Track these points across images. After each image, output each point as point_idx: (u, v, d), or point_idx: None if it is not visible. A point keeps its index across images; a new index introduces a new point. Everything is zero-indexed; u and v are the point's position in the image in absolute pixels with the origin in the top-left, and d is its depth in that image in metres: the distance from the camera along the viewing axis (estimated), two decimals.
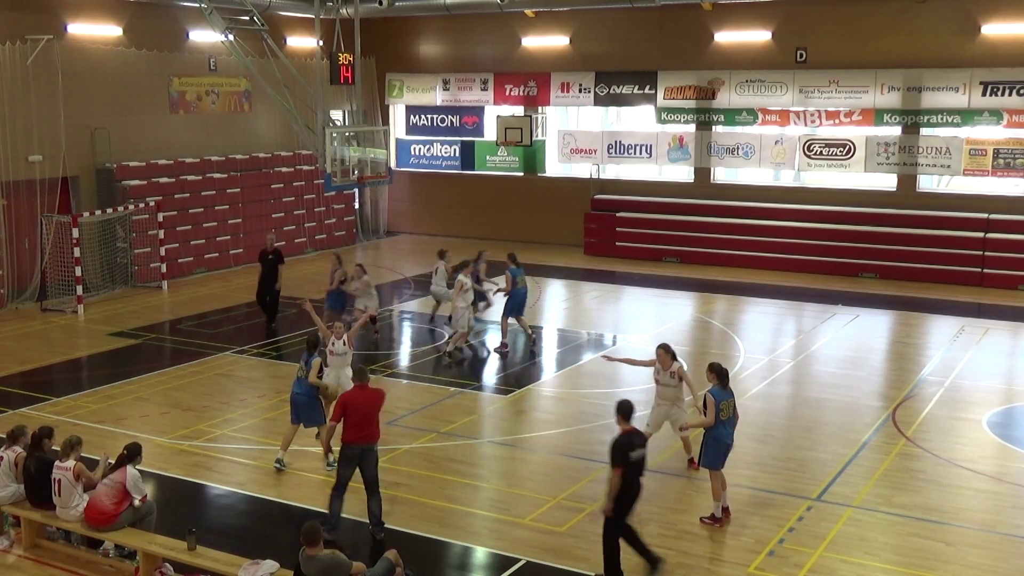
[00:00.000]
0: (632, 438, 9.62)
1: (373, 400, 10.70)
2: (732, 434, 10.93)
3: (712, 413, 10.71)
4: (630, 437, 9.62)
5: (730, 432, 10.88)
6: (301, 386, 12.44)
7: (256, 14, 22.28)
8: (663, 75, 27.67)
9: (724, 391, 10.82)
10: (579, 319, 21.30)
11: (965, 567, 10.03)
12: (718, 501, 10.99)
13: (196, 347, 18.44)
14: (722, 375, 10.86)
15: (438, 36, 31.07)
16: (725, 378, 10.88)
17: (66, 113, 22.73)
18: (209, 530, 10.58)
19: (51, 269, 22.04)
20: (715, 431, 10.79)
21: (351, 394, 10.75)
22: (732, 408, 10.89)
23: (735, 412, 10.98)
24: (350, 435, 10.47)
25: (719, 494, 10.96)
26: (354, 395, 10.69)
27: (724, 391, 10.82)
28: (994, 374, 16.87)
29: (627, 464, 9.42)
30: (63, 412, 14.57)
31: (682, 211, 27.59)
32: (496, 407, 15.14)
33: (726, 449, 10.88)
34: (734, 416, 10.94)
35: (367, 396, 10.67)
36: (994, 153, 24.27)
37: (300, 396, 12.44)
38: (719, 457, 10.88)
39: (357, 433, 10.47)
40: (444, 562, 10.41)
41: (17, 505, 10.52)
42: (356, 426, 10.47)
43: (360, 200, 31.70)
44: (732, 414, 10.90)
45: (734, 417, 10.95)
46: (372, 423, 10.58)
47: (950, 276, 24.09)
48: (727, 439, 10.85)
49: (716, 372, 10.89)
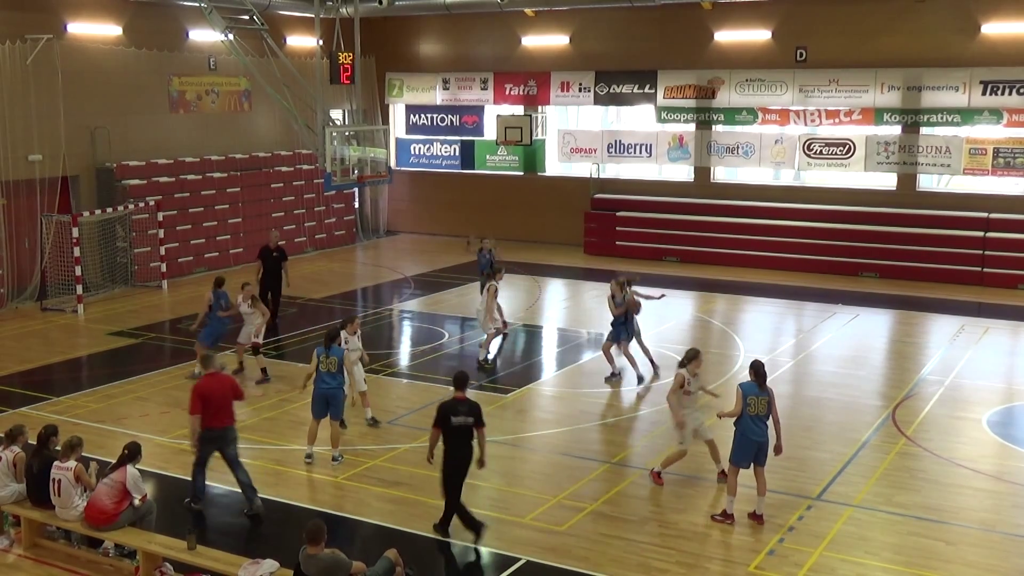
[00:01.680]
0: (458, 405, 10.41)
1: (225, 387, 11.19)
2: (761, 432, 10.83)
3: (739, 405, 10.81)
4: (455, 403, 10.44)
5: (757, 430, 10.81)
6: (335, 379, 12.49)
7: (256, 13, 22.29)
8: (663, 74, 27.67)
9: (756, 387, 10.89)
10: (579, 319, 21.29)
11: (965, 566, 10.02)
12: (732, 496, 11.01)
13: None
14: (759, 373, 10.92)
15: (438, 35, 31.07)
16: (761, 376, 10.93)
17: (66, 113, 22.73)
18: (209, 530, 10.58)
19: (51, 269, 22.05)
20: (741, 425, 10.86)
21: (205, 383, 11.15)
22: (764, 406, 10.85)
23: (768, 411, 10.89)
24: (208, 421, 11.05)
25: (734, 490, 10.99)
26: (207, 384, 11.12)
27: (756, 387, 10.89)
28: (994, 373, 16.87)
29: (446, 427, 10.33)
30: (63, 412, 14.57)
31: (682, 210, 27.59)
32: (496, 407, 15.14)
33: (752, 446, 10.84)
34: (767, 415, 10.89)
35: (219, 383, 11.16)
36: (994, 152, 24.27)
37: (335, 389, 12.51)
38: (742, 453, 10.91)
39: (214, 419, 11.05)
40: (444, 562, 10.42)
41: (17, 504, 10.52)
42: (213, 412, 11.03)
43: (360, 200, 31.71)
44: (764, 412, 10.86)
45: (767, 416, 10.89)
46: (227, 408, 11.14)
47: (950, 275, 24.09)
48: (752, 435, 10.81)
49: (754, 369, 11.00)
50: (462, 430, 10.37)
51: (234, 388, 11.33)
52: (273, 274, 19.42)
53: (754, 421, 10.82)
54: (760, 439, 10.84)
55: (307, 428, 12.87)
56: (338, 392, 12.56)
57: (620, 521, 11.01)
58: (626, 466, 12.68)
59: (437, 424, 10.39)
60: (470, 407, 10.46)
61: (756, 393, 10.87)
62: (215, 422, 11.04)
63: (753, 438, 10.83)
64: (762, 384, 10.91)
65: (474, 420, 10.41)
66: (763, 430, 10.86)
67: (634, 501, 11.58)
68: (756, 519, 10.97)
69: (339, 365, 12.52)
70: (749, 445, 10.84)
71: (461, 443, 10.40)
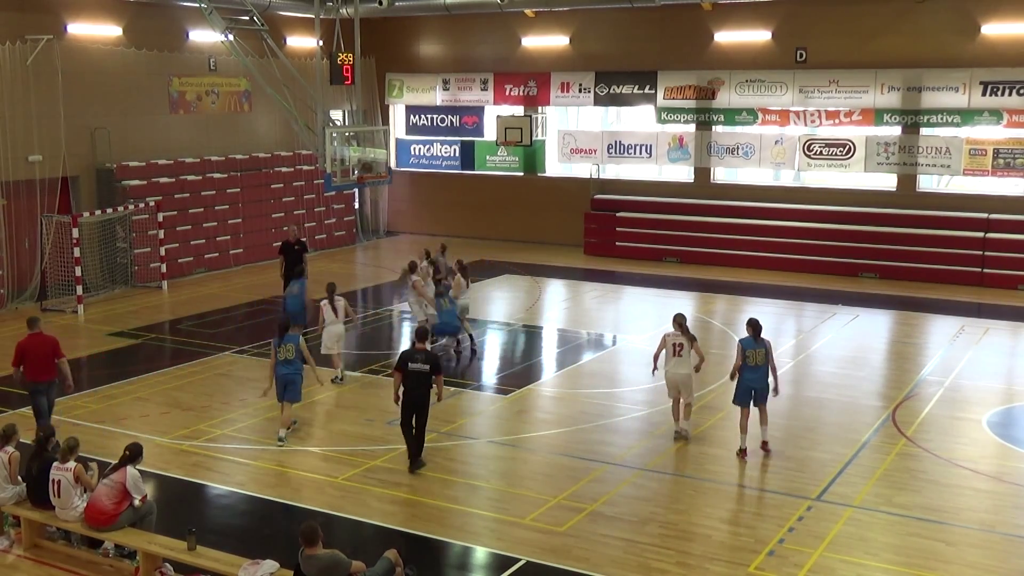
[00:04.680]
0: (415, 353, 12.28)
1: (46, 346, 12.85)
2: (758, 379, 12.72)
3: (739, 358, 12.72)
4: (413, 352, 12.33)
5: (755, 376, 12.71)
6: (291, 366, 13.38)
7: (256, 14, 22.28)
8: (663, 75, 27.68)
9: (752, 341, 12.72)
10: (579, 319, 21.29)
11: (965, 567, 10.02)
12: (744, 433, 12.78)
13: (196, 347, 18.44)
14: (756, 328, 12.76)
15: (438, 36, 31.07)
16: (757, 330, 12.76)
17: (66, 113, 22.74)
18: (209, 530, 10.58)
19: (51, 269, 22.05)
20: (742, 374, 12.77)
21: (26, 341, 12.78)
22: (760, 357, 12.70)
23: (765, 361, 12.72)
24: (32, 375, 12.79)
25: (745, 427, 12.78)
26: (28, 341, 12.78)
27: (752, 341, 12.72)
28: (994, 374, 16.87)
29: (404, 371, 12.19)
30: (63, 412, 14.53)
31: (682, 211, 27.59)
32: (496, 407, 15.14)
33: (747, 391, 12.76)
34: (765, 364, 12.72)
35: (41, 342, 12.82)
36: (994, 153, 24.27)
37: (292, 375, 13.41)
38: (742, 396, 12.84)
39: (36, 373, 12.77)
40: (444, 562, 10.42)
41: (17, 505, 10.52)
42: (34, 367, 12.72)
43: (360, 200, 31.71)
44: (761, 362, 12.70)
45: (765, 365, 12.72)
46: (49, 364, 12.82)
47: (950, 276, 24.10)
48: (748, 381, 12.74)
49: (751, 324, 12.82)
50: (418, 375, 12.17)
51: (55, 348, 12.87)
52: (296, 267, 19.56)
53: (752, 370, 12.73)
54: (756, 385, 12.75)
55: (307, 428, 12.98)
56: (295, 377, 13.42)
57: (620, 521, 11.01)
58: (626, 467, 12.67)
59: (397, 368, 12.33)
60: (426, 356, 12.26)
61: (753, 346, 12.73)
62: (39, 376, 12.78)
63: (750, 384, 12.74)
64: (757, 337, 12.75)
65: (430, 367, 12.17)
66: (760, 376, 12.76)
67: (634, 501, 11.58)
68: (764, 448, 12.86)
69: (296, 352, 13.33)
70: (747, 390, 12.77)
71: (416, 386, 12.21)
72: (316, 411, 14.90)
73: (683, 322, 13.44)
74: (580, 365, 17.54)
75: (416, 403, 12.28)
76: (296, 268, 18.97)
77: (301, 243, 20.59)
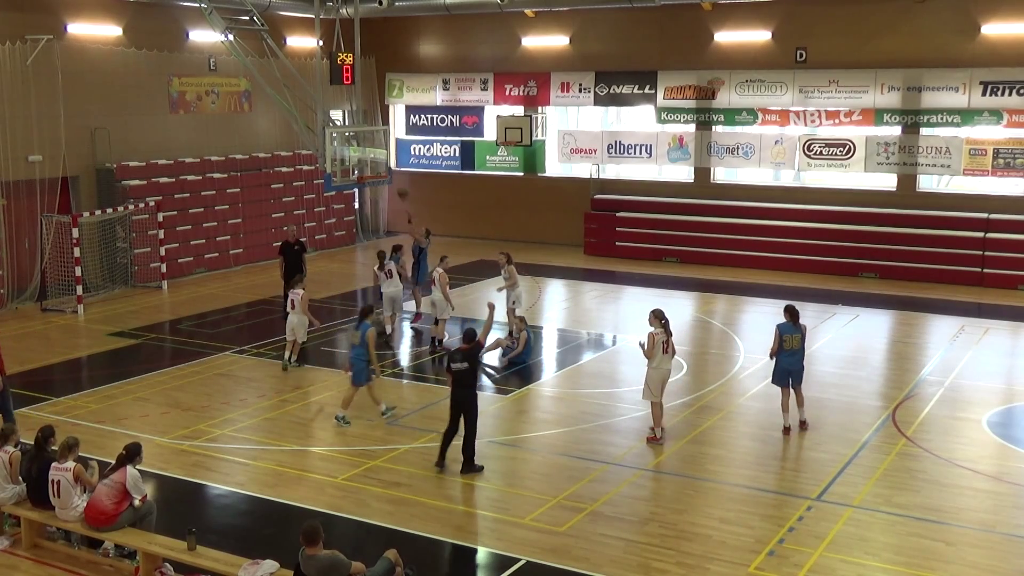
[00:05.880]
0: (455, 353, 12.42)
1: None
2: (795, 362, 13.51)
3: (776, 342, 13.44)
4: (455, 352, 12.46)
5: (791, 360, 13.48)
6: (355, 351, 14.07)
7: (256, 14, 22.27)
8: (663, 75, 27.68)
9: (791, 327, 13.50)
10: (579, 319, 21.29)
11: (965, 567, 10.03)
12: (786, 412, 13.59)
13: (196, 347, 18.44)
14: (793, 314, 13.61)
15: (438, 36, 31.07)
16: (795, 316, 13.61)
17: (66, 113, 22.73)
18: (209, 530, 10.58)
19: (51, 269, 22.04)
20: (779, 357, 13.51)
21: None
22: (797, 341, 13.47)
23: (801, 345, 13.51)
24: None
25: (786, 406, 13.59)
26: None
27: (791, 327, 13.50)
28: (994, 374, 16.86)
29: (451, 371, 12.34)
30: (63, 412, 14.57)
31: (682, 211, 27.59)
32: (496, 407, 15.14)
33: (785, 373, 13.53)
34: (801, 348, 13.51)
35: None
36: (994, 153, 24.27)
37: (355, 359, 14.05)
38: (780, 377, 13.59)
39: None
40: (444, 562, 10.42)
41: (17, 505, 10.52)
42: None
43: (360, 200, 31.70)
44: (798, 346, 13.46)
45: (801, 349, 13.51)
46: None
47: (950, 276, 24.10)
48: (785, 364, 13.51)
49: (788, 311, 13.67)
50: (461, 375, 12.29)
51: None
52: (295, 267, 19.66)
53: (789, 354, 13.48)
54: (794, 367, 13.53)
55: (306, 428, 12.97)
56: (356, 361, 14.02)
57: (620, 521, 11.01)
58: (626, 467, 12.67)
59: (447, 370, 12.55)
60: (464, 355, 12.33)
61: (791, 331, 13.49)
62: None
63: (788, 367, 13.50)
64: (795, 323, 13.56)
65: (468, 364, 12.26)
66: (796, 360, 13.53)
67: (634, 502, 11.58)
68: (802, 426, 13.69)
69: (361, 339, 13.94)
70: (784, 372, 13.53)
71: (459, 386, 12.29)
72: (316, 411, 14.91)
73: (662, 316, 13.52)
74: (580, 365, 17.54)
75: (461, 403, 12.27)
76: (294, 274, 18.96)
77: (301, 243, 20.63)
